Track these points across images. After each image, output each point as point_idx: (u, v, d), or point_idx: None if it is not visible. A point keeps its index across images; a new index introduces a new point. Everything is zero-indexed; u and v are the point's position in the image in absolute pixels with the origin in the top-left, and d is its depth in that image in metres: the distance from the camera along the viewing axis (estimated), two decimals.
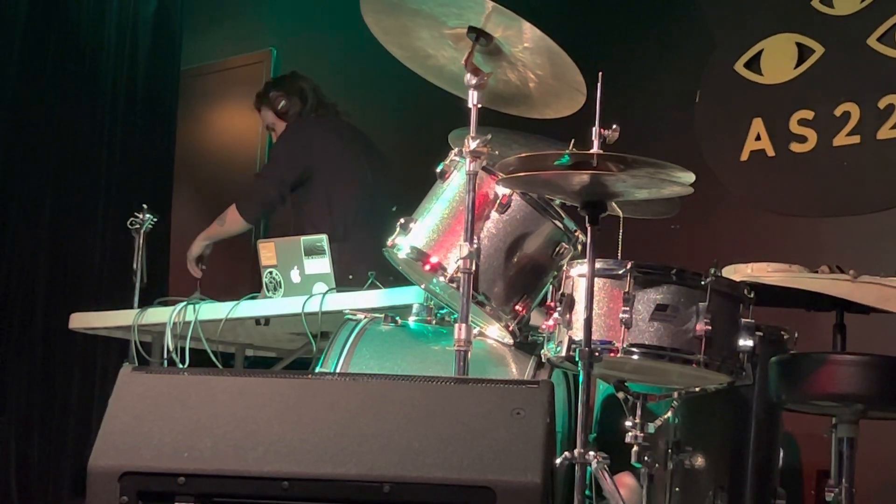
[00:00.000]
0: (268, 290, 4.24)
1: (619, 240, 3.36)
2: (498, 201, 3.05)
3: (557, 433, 2.93)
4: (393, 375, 2.44)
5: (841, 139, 4.55)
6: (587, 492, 2.81)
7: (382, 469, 2.08)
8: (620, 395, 3.01)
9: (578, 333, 2.78)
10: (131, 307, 4.56)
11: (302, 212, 4.79)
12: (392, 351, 3.21)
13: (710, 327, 2.81)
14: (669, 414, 3.04)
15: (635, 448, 2.95)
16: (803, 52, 4.72)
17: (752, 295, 2.96)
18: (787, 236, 4.64)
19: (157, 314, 4.34)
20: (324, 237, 4.14)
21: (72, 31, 6.08)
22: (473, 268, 2.89)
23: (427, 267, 3.05)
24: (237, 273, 6.17)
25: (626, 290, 2.83)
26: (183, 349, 4.17)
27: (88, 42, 6.15)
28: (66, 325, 4.80)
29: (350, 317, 3.35)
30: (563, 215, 3.10)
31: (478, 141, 2.94)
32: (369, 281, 3.89)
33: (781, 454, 3.42)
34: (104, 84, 6.18)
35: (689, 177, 2.75)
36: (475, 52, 3.00)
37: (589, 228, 2.80)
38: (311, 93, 4.99)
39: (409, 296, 3.55)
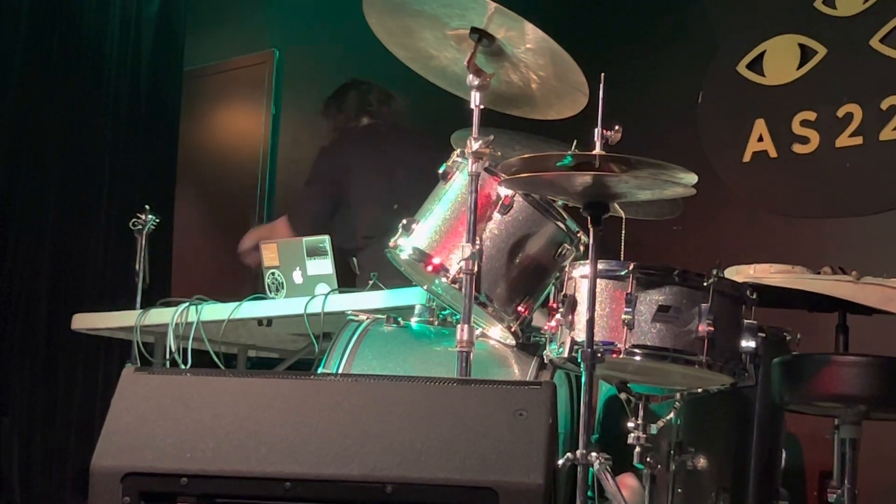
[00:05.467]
0: (270, 291, 4.24)
1: (622, 241, 3.36)
2: (500, 202, 3.05)
3: (560, 434, 2.93)
4: (395, 376, 2.45)
5: (843, 140, 4.55)
6: (589, 493, 2.81)
7: (385, 470, 2.08)
8: (623, 396, 3.01)
9: (581, 334, 2.79)
10: (134, 308, 4.56)
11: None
12: (394, 352, 3.21)
13: (712, 328, 2.81)
14: (672, 415, 3.03)
15: (638, 449, 2.95)
16: (806, 53, 4.71)
17: (754, 296, 2.96)
18: (790, 237, 4.64)
19: (160, 315, 4.35)
20: (326, 238, 4.14)
21: (74, 31, 6.08)
22: (476, 269, 2.89)
23: (429, 268, 3.06)
24: (239, 274, 6.17)
25: (629, 291, 2.83)
26: (185, 350, 4.18)
27: (91, 42, 6.15)
28: (69, 326, 4.80)
29: (352, 318, 3.35)
30: (565, 216, 3.10)
31: (480, 142, 2.94)
32: (371, 282, 3.89)
33: (784, 455, 3.42)
34: (107, 84, 6.18)
35: (692, 178, 2.76)
36: (478, 53, 3.00)
37: (591, 229, 2.80)
38: (352, 102, 4.92)
39: (411, 297, 3.56)
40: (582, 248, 3.10)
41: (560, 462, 2.71)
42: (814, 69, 4.69)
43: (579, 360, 2.75)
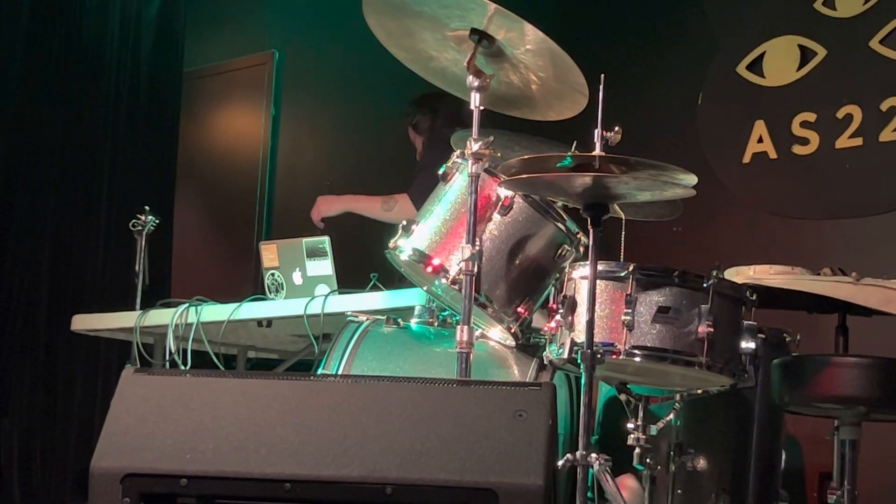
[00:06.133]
0: (269, 292, 4.24)
1: (622, 242, 3.36)
2: (500, 203, 3.05)
3: (559, 435, 2.93)
4: (395, 377, 2.45)
5: (843, 141, 4.55)
6: (589, 494, 2.81)
7: (384, 471, 2.08)
8: (622, 397, 3.01)
9: (580, 335, 2.79)
10: (133, 309, 4.56)
11: None
12: (394, 353, 3.21)
13: (712, 329, 2.81)
14: (671, 416, 3.04)
15: (637, 450, 2.95)
16: (805, 55, 4.72)
17: (754, 297, 2.96)
18: (790, 238, 4.64)
19: (159, 316, 4.35)
20: (326, 239, 4.14)
21: (74, 32, 6.08)
22: (475, 270, 2.89)
23: (429, 269, 3.05)
24: (239, 275, 6.18)
25: (629, 292, 2.83)
26: (185, 351, 4.18)
27: (91, 43, 6.15)
28: (69, 327, 4.80)
29: (352, 319, 3.35)
30: (565, 217, 3.10)
31: (480, 143, 2.94)
32: (371, 283, 3.89)
33: (784, 456, 3.42)
34: (107, 85, 6.18)
35: (692, 179, 2.75)
36: (477, 54, 3.00)
37: (591, 230, 2.80)
38: (446, 112, 4.85)
39: (411, 298, 3.56)
40: (582, 249, 3.10)
41: (560, 463, 2.71)
42: (814, 70, 4.69)
43: (579, 361, 2.75)
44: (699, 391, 3.03)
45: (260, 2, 6.83)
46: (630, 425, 2.96)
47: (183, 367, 4.14)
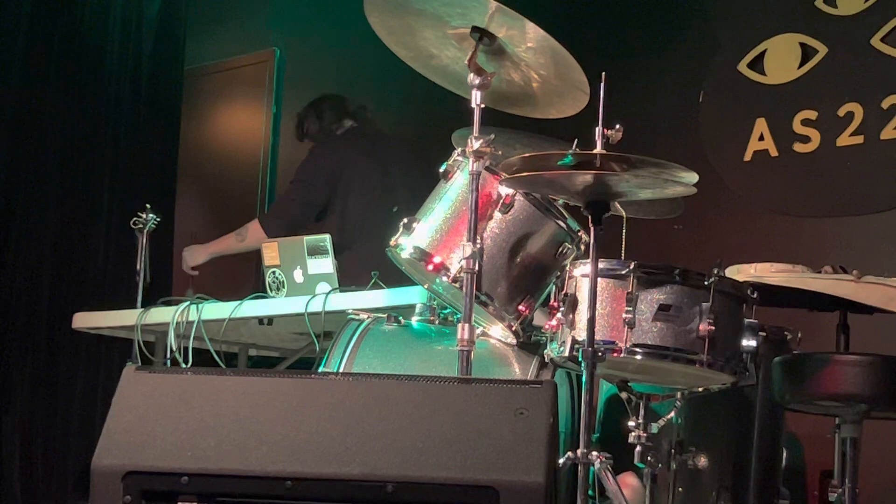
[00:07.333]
0: (271, 290, 4.24)
1: (623, 240, 3.36)
2: (501, 201, 3.05)
3: (560, 433, 2.93)
4: (396, 375, 2.44)
5: (844, 139, 4.55)
6: (590, 492, 2.81)
7: (386, 469, 2.08)
8: (623, 395, 3.00)
9: (582, 333, 2.79)
10: (135, 307, 4.56)
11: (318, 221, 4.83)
12: (395, 351, 3.21)
13: (713, 327, 2.81)
14: (673, 414, 3.03)
15: (638, 448, 2.95)
16: (807, 52, 4.72)
17: (755, 295, 2.95)
18: (791, 236, 4.64)
19: (161, 314, 4.35)
20: (327, 237, 4.14)
21: (75, 30, 6.08)
22: (476, 268, 2.89)
23: (430, 267, 3.05)
24: (240, 273, 6.17)
25: (630, 290, 2.82)
26: (186, 349, 4.18)
27: (92, 41, 6.15)
28: (70, 325, 4.81)
29: (353, 316, 3.35)
30: (566, 215, 3.10)
31: (481, 141, 2.94)
32: (372, 281, 3.89)
33: (785, 454, 3.42)
34: (108, 84, 6.18)
35: (693, 177, 2.76)
36: (479, 51, 3.00)
37: (592, 228, 2.80)
38: (330, 109, 4.98)
39: (412, 296, 3.56)
40: (583, 246, 3.10)
41: (561, 461, 2.71)
42: (815, 68, 4.69)
43: (580, 359, 2.75)
44: (700, 389, 3.03)
45: None
46: (631, 423, 2.96)
47: (184, 365, 4.14)
